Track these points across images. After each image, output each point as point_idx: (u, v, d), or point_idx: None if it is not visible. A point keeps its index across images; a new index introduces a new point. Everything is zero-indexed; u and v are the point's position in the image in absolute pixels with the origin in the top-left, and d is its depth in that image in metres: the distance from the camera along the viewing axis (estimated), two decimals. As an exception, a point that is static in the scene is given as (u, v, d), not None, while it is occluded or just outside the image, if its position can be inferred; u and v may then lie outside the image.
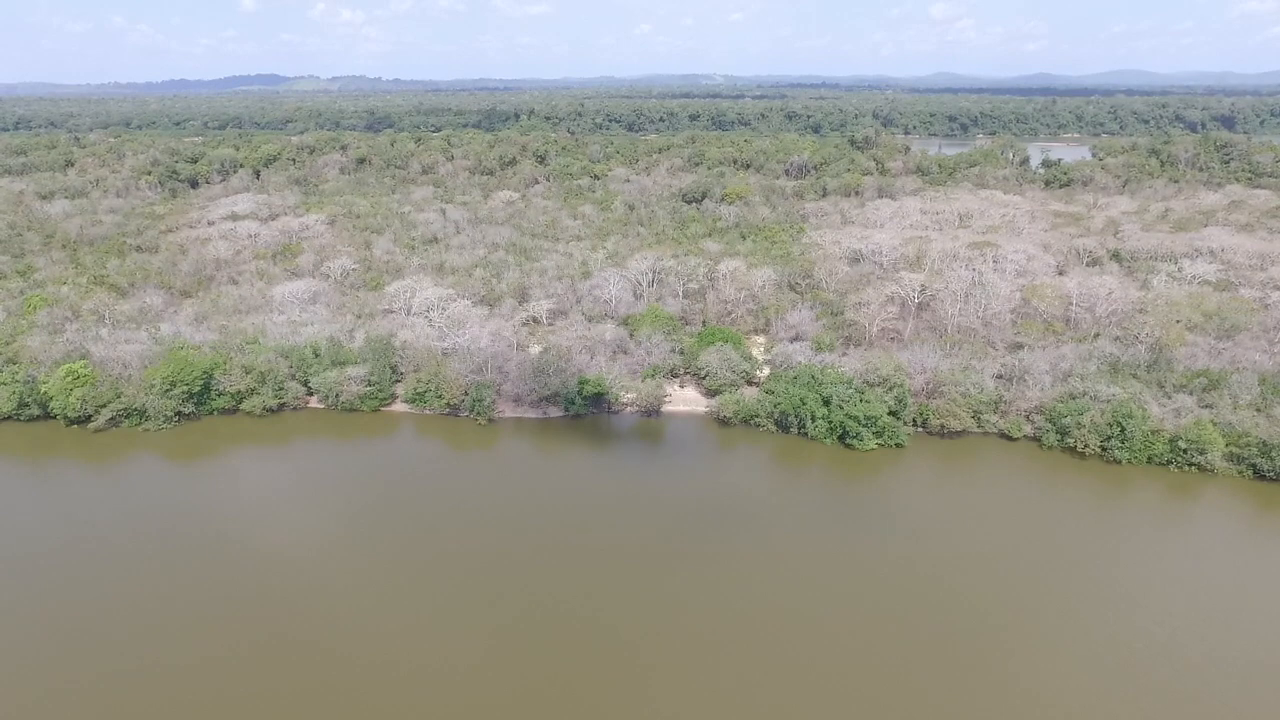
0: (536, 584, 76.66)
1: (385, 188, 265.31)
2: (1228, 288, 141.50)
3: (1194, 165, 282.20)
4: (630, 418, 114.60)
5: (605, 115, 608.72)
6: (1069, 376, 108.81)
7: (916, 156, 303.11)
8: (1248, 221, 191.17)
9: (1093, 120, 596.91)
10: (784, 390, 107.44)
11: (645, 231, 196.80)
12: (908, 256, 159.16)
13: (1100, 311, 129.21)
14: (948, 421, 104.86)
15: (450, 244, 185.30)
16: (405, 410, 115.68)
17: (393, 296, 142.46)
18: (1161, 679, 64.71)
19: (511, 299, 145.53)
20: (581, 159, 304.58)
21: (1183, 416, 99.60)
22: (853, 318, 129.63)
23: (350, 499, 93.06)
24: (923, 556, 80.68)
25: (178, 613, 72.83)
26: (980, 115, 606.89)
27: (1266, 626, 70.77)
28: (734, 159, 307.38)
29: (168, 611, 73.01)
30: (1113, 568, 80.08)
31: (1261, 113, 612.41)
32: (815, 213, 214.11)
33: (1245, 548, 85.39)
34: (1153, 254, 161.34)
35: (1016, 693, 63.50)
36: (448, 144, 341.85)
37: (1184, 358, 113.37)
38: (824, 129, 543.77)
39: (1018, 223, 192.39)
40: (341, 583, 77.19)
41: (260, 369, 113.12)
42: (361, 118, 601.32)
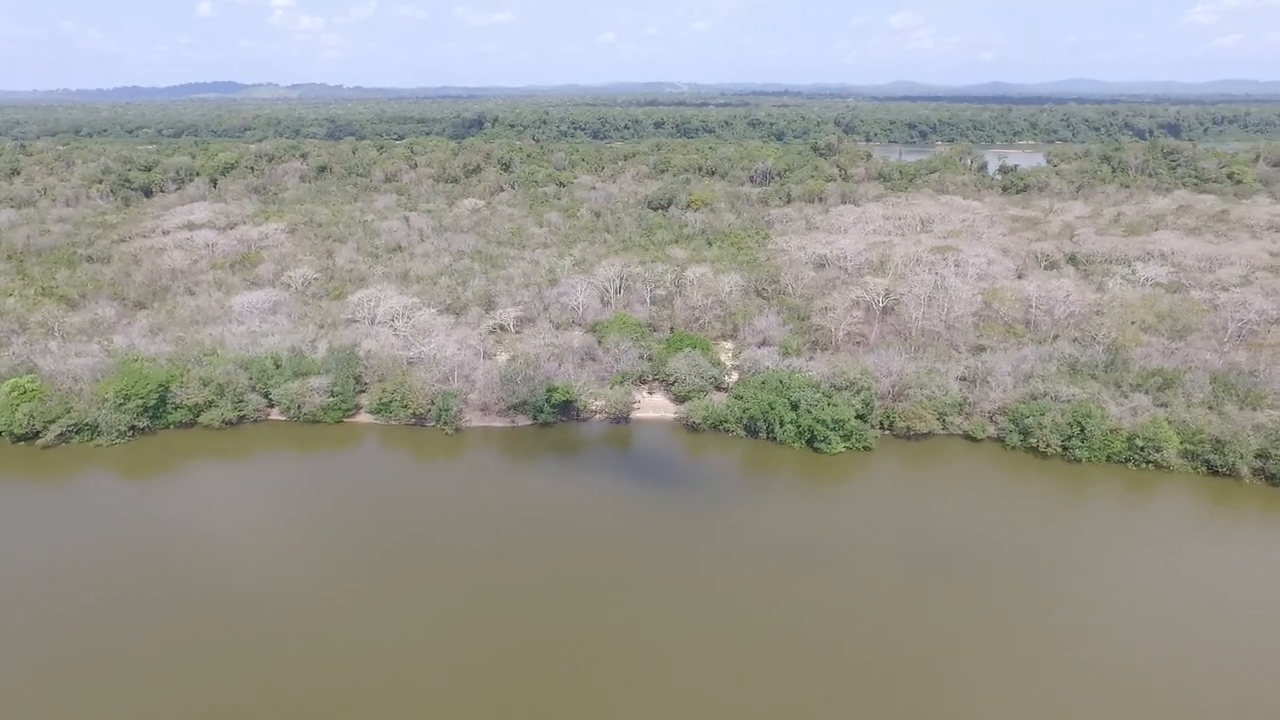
0: (508, 595, 75.61)
1: (347, 196, 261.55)
2: (1179, 289, 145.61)
3: (1143, 171, 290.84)
4: (599, 425, 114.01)
5: (570, 123, 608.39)
6: (1030, 378, 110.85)
7: (878, 163, 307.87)
8: (1195, 225, 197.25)
9: (1046, 128, 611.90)
10: (752, 395, 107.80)
11: (612, 238, 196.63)
12: (872, 261, 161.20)
13: (1059, 314, 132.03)
14: (914, 424, 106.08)
15: (414, 252, 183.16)
16: (370, 421, 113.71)
17: (356, 306, 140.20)
18: (1123, 668, 65.84)
19: (478, 307, 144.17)
20: (547, 166, 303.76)
21: (1139, 415, 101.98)
22: (819, 322, 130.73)
23: (314, 512, 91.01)
24: (891, 558, 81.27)
25: (134, 634, 70.37)
26: (939, 123, 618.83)
27: (1222, 616, 72.49)
28: (699, 166, 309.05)
29: (124, 633, 70.52)
30: (1075, 564, 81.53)
31: (1205, 121, 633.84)
32: (780, 219, 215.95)
33: (1201, 541, 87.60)
34: (1107, 257, 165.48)
35: (985, 684, 64.13)
36: (411, 152, 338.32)
37: (1139, 358, 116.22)
38: (787, 136, 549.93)
39: (977, 227, 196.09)
40: (307, 598, 75.32)
41: (219, 381, 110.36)
42: (322, 125, 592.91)
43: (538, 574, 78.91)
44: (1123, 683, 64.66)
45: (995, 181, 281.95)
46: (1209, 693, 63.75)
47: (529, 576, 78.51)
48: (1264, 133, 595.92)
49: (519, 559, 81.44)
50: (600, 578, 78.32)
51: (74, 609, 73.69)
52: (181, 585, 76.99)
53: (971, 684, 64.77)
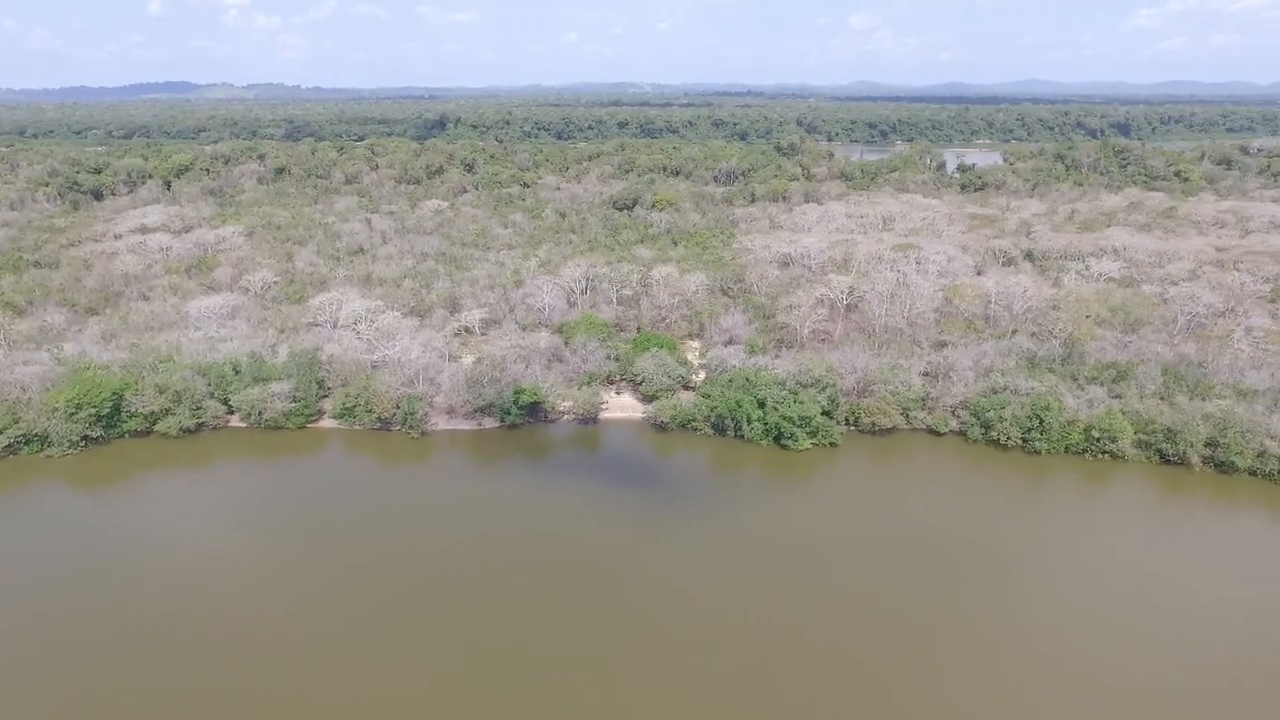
0: (478, 601, 74.93)
1: (307, 198, 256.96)
2: (1131, 284, 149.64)
3: (1096, 169, 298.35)
4: (567, 426, 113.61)
5: (534, 123, 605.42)
6: (990, 372, 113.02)
7: (840, 162, 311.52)
8: (1146, 222, 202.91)
9: (1003, 127, 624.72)
10: (720, 394, 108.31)
11: (577, 239, 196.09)
12: (835, 259, 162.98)
13: (1017, 309, 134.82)
14: (878, 419, 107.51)
15: (377, 254, 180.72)
16: (333, 426, 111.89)
17: (317, 309, 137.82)
18: (1083, 656, 67.44)
19: (442, 309, 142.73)
20: (510, 167, 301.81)
21: (1095, 407, 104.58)
22: (784, 320, 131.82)
23: (277, 520, 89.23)
24: (861, 553, 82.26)
25: (87, 649, 68.32)
26: (898, 122, 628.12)
27: (1175, 600, 74.67)
28: (663, 166, 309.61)
29: (77, 648, 68.41)
30: (1038, 555, 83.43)
31: (1153, 120, 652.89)
32: (745, 218, 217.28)
33: (1156, 527, 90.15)
34: (1062, 253, 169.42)
35: (955, 675, 65.20)
36: (372, 153, 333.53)
37: (1094, 351, 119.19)
38: (750, 136, 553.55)
39: (937, 225, 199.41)
40: (269, 608, 73.81)
41: (176, 388, 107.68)
42: (280, 126, 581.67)
43: (508, 579, 78.33)
44: (1083, 670, 66.19)
45: (954, 180, 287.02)
46: (1164, 677, 65.53)
47: (499, 582, 77.91)
48: (1208, 132, 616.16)
49: (488, 564, 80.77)
50: (572, 581, 77.98)
51: (21, 624, 71.25)
52: (137, 597, 74.95)
53: (943, 675, 65.76)
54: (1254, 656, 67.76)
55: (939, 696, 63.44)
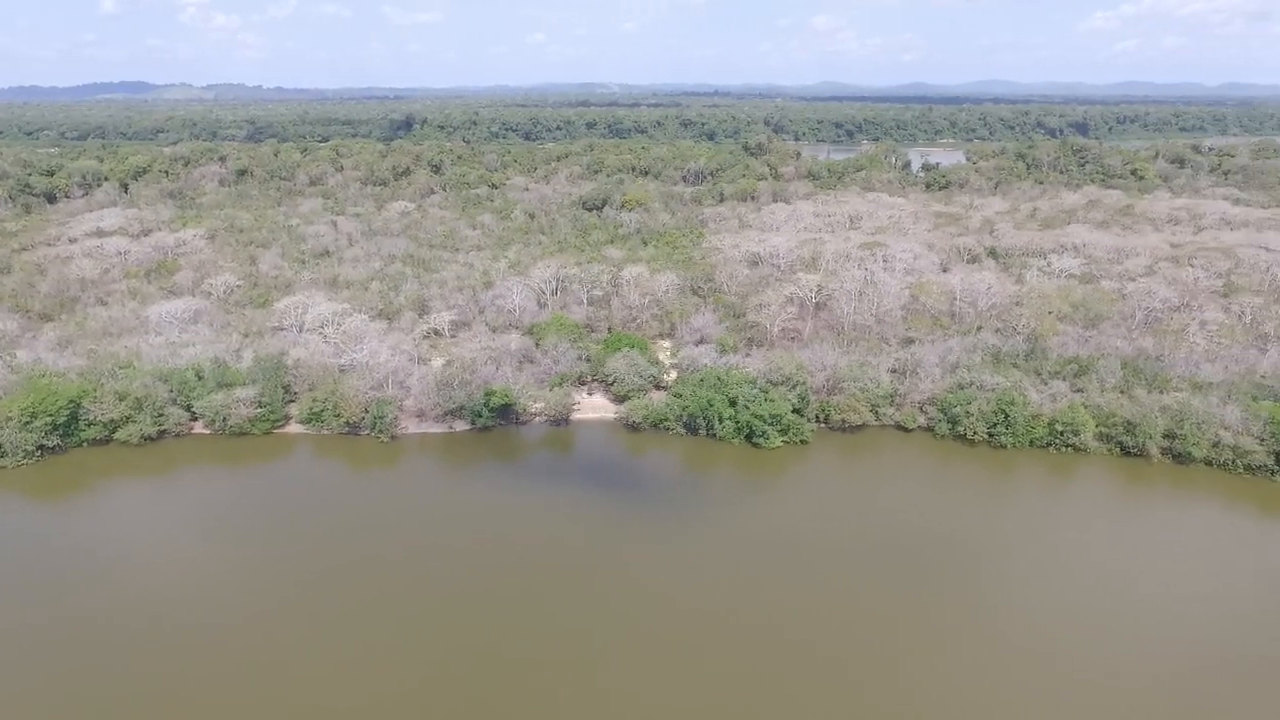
0: (450, 606, 74.22)
1: (270, 200, 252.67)
2: (1090, 280, 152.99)
3: (1055, 168, 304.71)
4: (539, 427, 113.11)
5: (501, 124, 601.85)
6: (956, 368, 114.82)
7: (807, 162, 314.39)
8: (1104, 219, 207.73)
9: (965, 127, 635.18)
10: (691, 393, 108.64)
11: (547, 240, 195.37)
12: (803, 258, 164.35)
13: (981, 306, 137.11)
14: (848, 416, 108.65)
15: (343, 257, 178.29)
16: (301, 431, 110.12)
17: (283, 313, 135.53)
18: (1051, 644, 68.83)
19: (411, 311, 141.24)
20: (478, 168, 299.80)
21: (1058, 401, 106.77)
22: (754, 319, 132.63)
23: (243, 528, 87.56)
24: (833, 549, 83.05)
25: (47, 665, 66.38)
26: (864, 122, 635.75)
27: (1138, 592, 76.52)
28: (632, 166, 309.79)
29: (36, 664, 66.44)
30: (1006, 548, 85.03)
31: (1109, 120, 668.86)
32: (714, 218, 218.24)
33: (1118, 520, 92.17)
34: (1024, 250, 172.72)
35: (929, 667, 66.10)
36: (336, 154, 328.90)
37: (1056, 346, 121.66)
38: (718, 136, 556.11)
39: (903, 224, 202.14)
40: (238, 617, 72.36)
41: (136, 395, 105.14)
42: (241, 127, 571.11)
43: (483, 583, 77.72)
44: (1052, 662, 67.53)
45: (919, 179, 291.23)
46: (1129, 668, 67.08)
47: (474, 586, 77.27)
48: (1161, 132, 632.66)
49: (462, 568, 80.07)
50: (549, 583, 77.59)
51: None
52: (99, 610, 73.01)
53: (918, 669, 66.57)
54: (1213, 645, 69.71)
55: (915, 691, 64.23)
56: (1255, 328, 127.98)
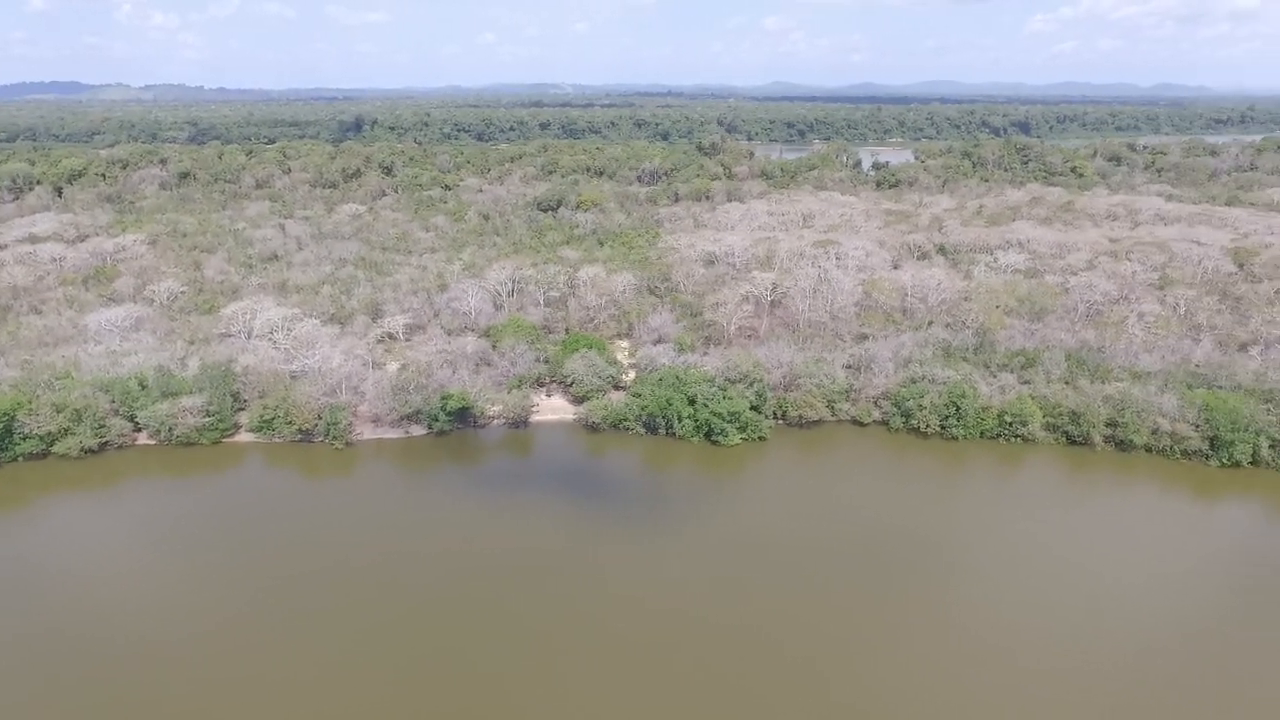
0: (414, 614, 73.08)
1: (215, 204, 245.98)
2: (1035, 275, 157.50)
3: (1000, 166, 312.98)
4: (498, 430, 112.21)
5: (453, 125, 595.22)
6: (909, 363, 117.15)
7: (760, 161, 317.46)
8: (1047, 215, 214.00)
9: (913, 126, 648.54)
10: (650, 392, 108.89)
11: (502, 241, 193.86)
12: (758, 256, 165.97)
13: (932, 301, 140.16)
14: (805, 412, 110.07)
15: (293, 261, 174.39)
16: (252, 440, 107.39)
17: (230, 319, 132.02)
18: (1005, 631, 70.74)
19: (364, 315, 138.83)
20: (431, 169, 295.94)
21: (1007, 393, 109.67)
22: (711, 318, 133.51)
23: (190, 541, 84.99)
24: (793, 544, 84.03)
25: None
26: (815, 122, 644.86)
27: (1085, 577, 79.05)
28: (587, 167, 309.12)
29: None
30: (960, 537, 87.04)
31: (1050, 119, 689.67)
32: (669, 217, 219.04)
33: (1066, 507, 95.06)
34: (972, 247, 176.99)
35: (884, 653, 67.32)
36: (284, 156, 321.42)
37: (1004, 340, 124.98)
38: (672, 136, 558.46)
39: (855, 221, 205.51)
40: (190, 631, 70.20)
41: (75, 406, 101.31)
42: (183, 129, 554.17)
43: (444, 589, 76.72)
44: (1006, 650, 69.39)
45: (869, 177, 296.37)
46: (1078, 653, 69.21)
47: (435, 592, 76.23)
48: (1099, 130, 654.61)
49: (422, 575, 78.92)
50: (511, 587, 76.90)
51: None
52: (38, 629, 70.08)
53: (878, 660, 67.78)
54: (1158, 624, 72.45)
55: (880, 685, 65.18)
56: (1189, 319, 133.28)
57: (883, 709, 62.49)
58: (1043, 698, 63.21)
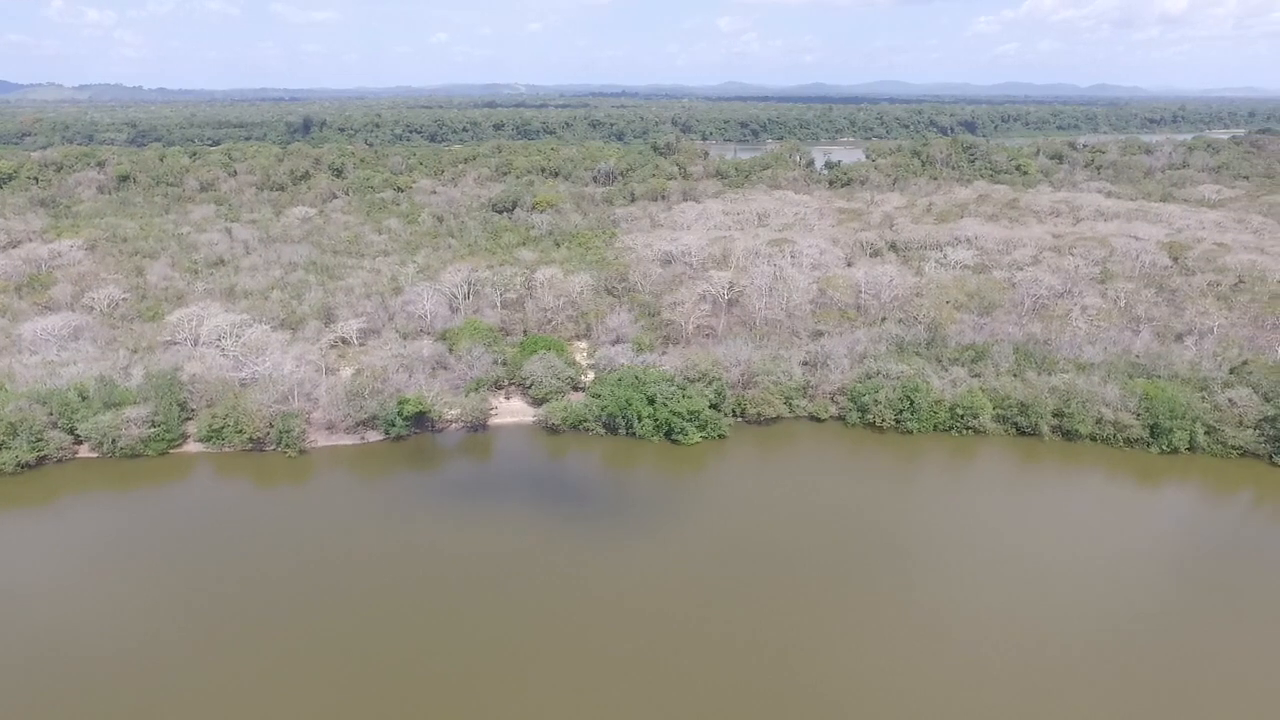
0: (374, 623, 71.74)
1: (157, 207, 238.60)
2: (983, 270, 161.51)
3: (948, 164, 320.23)
4: (456, 434, 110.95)
5: (405, 126, 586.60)
6: (864, 358, 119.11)
7: (715, 161, 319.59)
8: (993, 212, 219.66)
9: (864, 125, 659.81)
10: (609, 393, 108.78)
11: (457, 243, 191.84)
12: (715, 256, 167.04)
13: (885, 297, 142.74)
14: (763, 409, 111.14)
15: (240, 265, 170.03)
16: (200, 450, 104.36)
17: (175, 326, 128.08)
18: (966, 615, 72.36)
19: (316, 320, 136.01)
20: (383, 171, 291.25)
21: (958, 386, 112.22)
22: (669, 317, 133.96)
23: (139, 553, 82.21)
24: (756, 540, 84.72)
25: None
26: (768, 121, 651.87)
27: (1039, 557, 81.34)
28: (542, 167, 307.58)
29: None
30: (918, 528, 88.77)
31: (995, 119, 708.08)
32: (626, 218, 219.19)
33: (1017, 496, 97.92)
34: (922, 244, 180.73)
35: (849, 645, 68.33)
36: (229, 158, 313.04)
37: (955, 334, 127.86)
38: (627, 136, 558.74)
39: (809, 220, 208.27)
40: (128, 652, 67.86)
41: (9, 419, 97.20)
42: (122, 131, 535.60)
43: (404, 597, 75.41)
44: (970, 634, 70.97)
45: (822, 176, 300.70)
46: (1033, 630, 71.15)
47: (390, 604, 74.88)
48: (1041, 129, 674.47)
49: (381, 583, 77.50)
50: (473, 597, 75.90)
51: None
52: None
53: (843, 652, 68.60)
54: (1103, 608, 74.81)
55: (844, 675, 65.98)
56: (1128, 311, 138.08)
57: (853, 697, 63.27)
58: (1002, 680, 64.74)
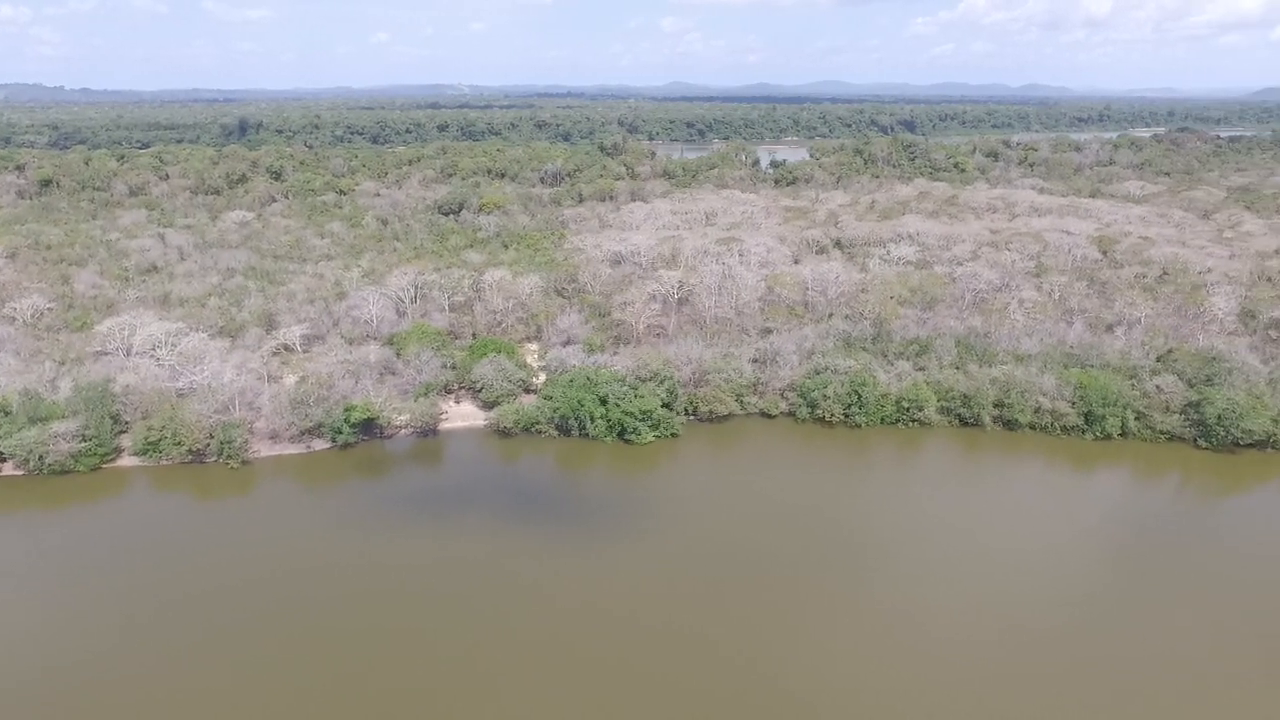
0: (323, 636, 69.98)
1: (83, 213, 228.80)
2: (925, 266, 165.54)
3: (889, 163, 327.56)
4: (406, 440, 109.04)
5: (346, 127, 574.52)
6: (812, 354, 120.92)
7: (662, 161, 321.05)
8: (933, 209, 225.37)
9: (807, 125, 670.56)
10: (561, 394, 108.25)
11: (402, 246, 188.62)
12: (664, 255, 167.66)
13: (831, 294, 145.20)
14: (715, 407, 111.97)
15: (175, 272, 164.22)
16: (136, 464, 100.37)
17: (106, 336, 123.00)
18: (916, 604, 74.02)
19: (257, 327, 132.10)
20: (324, 174, 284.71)
21: (903, 380, 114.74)
22: (619, 317, 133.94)
23: (64, 574, 78.55)
24: (712, 535, 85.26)
25: None
26: (714, 121, 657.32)
27: (983, 543, 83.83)
28: (488, 169, 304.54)
29: None
30: (867, 519, 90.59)
31: (933, 118, 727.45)
32: (574, 218, 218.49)
33: (962, 483, 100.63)
34: (866, 240, 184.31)
35: (808, 639, 69.25)
36: (160, 161, 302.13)
37: (899, 329, 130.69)
38: (574, 137, 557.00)
39: (756, 219, 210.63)
40: (68, 676, 64.87)
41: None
42: (41, 132, 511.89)
43: (351, 613, 73.66)
44: (921, 620, 72.55)
45: (768, 175, 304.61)
46: (981, 614, 73.17)
47: (343, 613, 73.20)
48: (977, 128, 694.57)
49: (329, 595, 75.62)
50: (428, 607, 74.45)
51: None
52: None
53: (804, 645, 69.44)
54: (1046, 589, 77.47)
55: (807, 669, 66.76)
56: (1062, 303, 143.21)
57: (821, 694, 63.81)
58: (963, 669, 66.16)
